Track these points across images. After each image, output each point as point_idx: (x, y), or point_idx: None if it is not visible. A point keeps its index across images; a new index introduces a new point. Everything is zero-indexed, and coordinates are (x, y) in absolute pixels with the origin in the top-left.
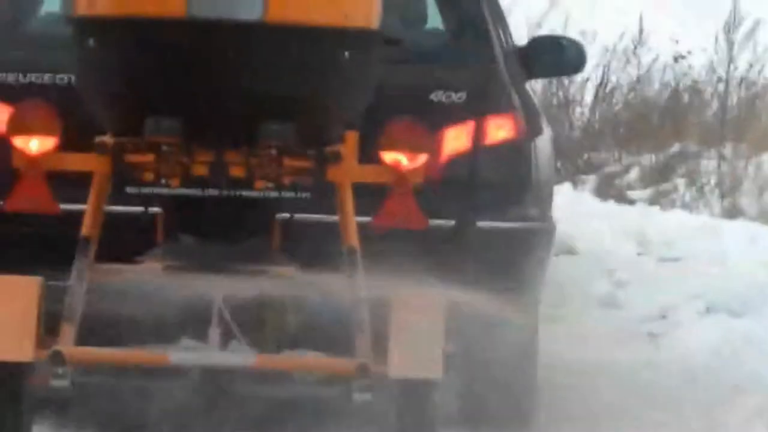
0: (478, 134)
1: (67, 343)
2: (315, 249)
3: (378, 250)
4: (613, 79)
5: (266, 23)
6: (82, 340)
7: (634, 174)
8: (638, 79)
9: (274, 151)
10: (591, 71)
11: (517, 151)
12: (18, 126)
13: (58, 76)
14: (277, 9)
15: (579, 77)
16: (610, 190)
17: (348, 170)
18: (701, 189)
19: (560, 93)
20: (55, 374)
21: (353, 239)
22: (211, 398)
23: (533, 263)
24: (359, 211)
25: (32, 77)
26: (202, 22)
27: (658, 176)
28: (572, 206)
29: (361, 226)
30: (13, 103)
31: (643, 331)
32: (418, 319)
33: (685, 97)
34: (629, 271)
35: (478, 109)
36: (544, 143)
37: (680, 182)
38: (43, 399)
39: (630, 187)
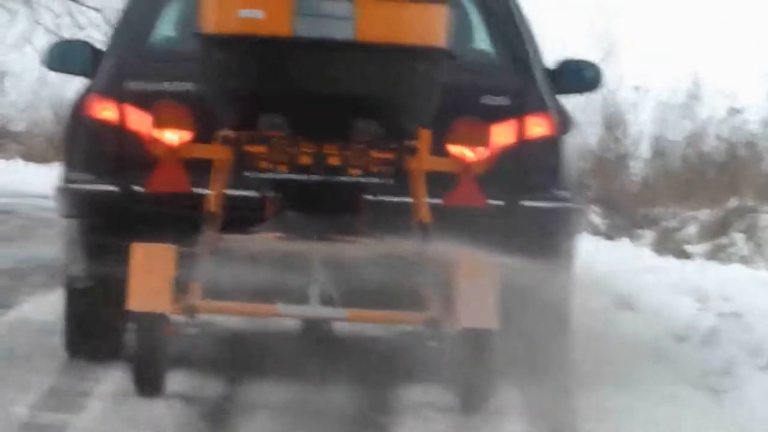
0: (520, 131)
1: (196, 298)
2: (394, 223)
3: (445, 225)
4: (669, 134)
5: (357, 42)
6: (208, 295)
7: (691, 229)
8: (693, 134)
9: (363, 145)
10: (647, 126)
11: (551, 144)
12: (158, 121)
13: (183, 83)
14: (365, 30)
15: (635, 132)
16: (667, 244)
17: (422, 161)
18: (759, 243)
19: (615, 148)
20: (188, 323)
21: (425, 216)
22: (311, 342)
23: (566, 235)
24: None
25: (161, 85)
26: (306, 41)
27: (715, 231)
28: (630, 261)
29: (431, 206)
30: (147, 108)
31: (703, 386)
32: (477, 279)
33: (741, 152)
34: (688, 326)
35: (519, 110)
36: (571, 139)
37: (738, 236)
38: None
39: (688, 241)
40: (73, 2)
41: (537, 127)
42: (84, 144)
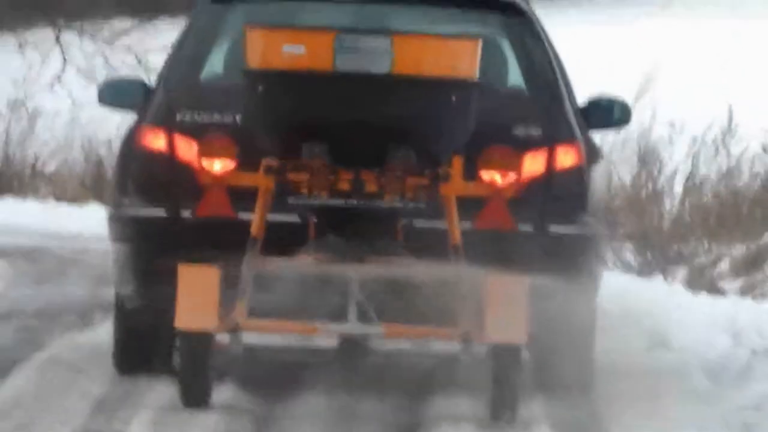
0: (549, 160)
1: (241, 316)
2: (428, 245)
3: (476, 247)
4: (703, 170)
5: (393, 75)
6: (251, 314)
7: (725, 265)
8: (728, 170)
9: (399, 172)
10: (680, 162)
11: (578, 173)
12: (205, 151)
13: (229, 115)
14: (401, 64)
15: (668, 168)
16: (701, 281)
17: (455, 186)
18: None
19: (649, 184)
20: (233, 340)
21: (457, 237)
22: (348, 358)
23: (591, 258)
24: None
25: (209, 117)
26: (345, 75)
27: (749, 267)
28: (663, 298)
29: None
30: (195, 138)
31: (738, 422)
32: (507, 297)
33: None
34: (723, 362)
35: (548, 140)
36: (598, 170)
37: None
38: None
39: (721, 277)
40: (106, 44)
41: (566, 156)
42: (135, 172)
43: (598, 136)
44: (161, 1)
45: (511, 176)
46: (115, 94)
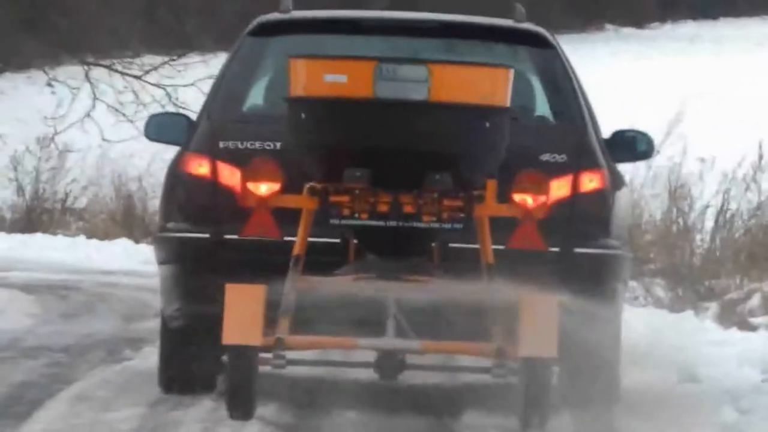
0: (575, 185)
1: (284, 332)
2: (463, 265)
3: (508, 267)
4: (733, 205)
5: (430, 102)
6: (294, 330)
7: (756, 300)
8: (758, 206)
9: (436, 194)
10: (711, 197)
11: (603, 198)
12: (251, 175)
13: (269, 143)
14: (437, 92)
15: (699, 204)
16: (732, 316)
17: (489, 207)
18: None
19: (680, 220)
20: (276, 355)
21: (490, 257)
22: (386, 373)
23: (616, 278)
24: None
25: (250, 144)
26: (385, 102)
27: None
28: (694, 333)
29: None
30: (237, 164)
31: None
32: (539, 314)
33: None
34: (753, 398)
35: (574, 166)
36: (623, 194)
37: None
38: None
39: (752, 313)
40: (136, 79)
41: (590, 182)
42: (180, 197)
43: (629, 171)
44: (190, 38)
45: (541, 199)
46: (160, 128)
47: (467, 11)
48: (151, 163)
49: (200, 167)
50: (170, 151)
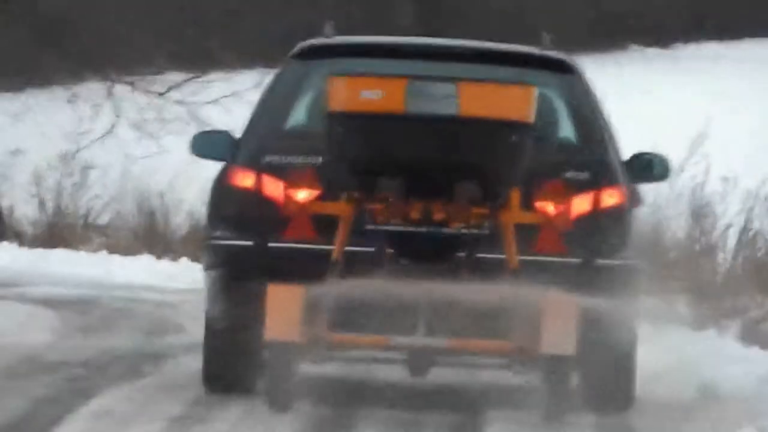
0: (596, 201)
1: (322, 330)
2: (489, 268)
3: (531, 270)
4: (756, 224)
5: (459, 117)
6: (331, 328)
7: None
8: None
9: (464, 202)
10: (733, 217)
11: (621, 213)
12: (293, 183)
13: (309, 157)
14: (467, 107)
15: (722, 223)
16: (754, 335)
17: (513, 215)
18: None
19: (703, 239)
20: (315, 352)
21: (515, 261)
22: (417, 368)
23: (632, 288)
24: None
25: (292, 159)
26: (416, 116)
27: None
28: (716, 351)
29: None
30: (280, 177)
31: None
32: (559, 314)
33: None
34: None
35: (595, 184)
36: (639, 212)
37: None
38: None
39: None
40: (158, 96)
41: (610, 198)
42: (227, 207)
43: (652, 190)
44: (213, 55)
45: (562, 207)
46: (204, 144)
47: (495, 35)
48: (173, 179)
49: (246, 180)
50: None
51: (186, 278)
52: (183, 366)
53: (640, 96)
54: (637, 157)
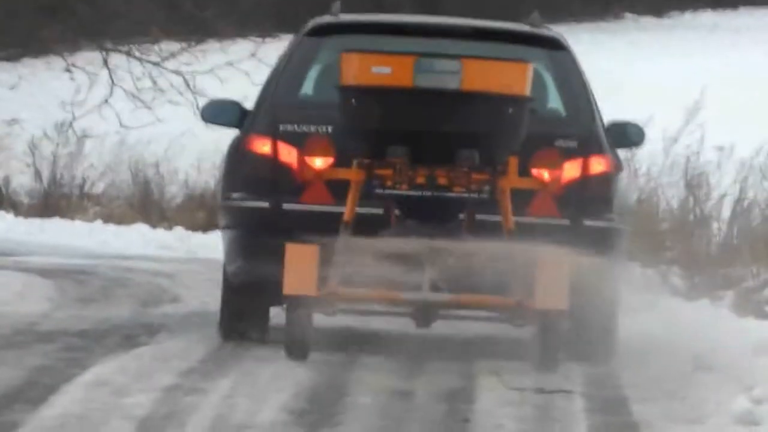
0: (584, 167)
1: (335, 285)
2: (488, 229)
3: (526, 231)
4: (750, 194)
5: (461, 90)
6: (343, 284)
7: None
8: None
9: (466, 169)
10: (728, 186)
11: (608, 179)
12: (309, 151)
13: (322, 126)
14: (468, 82)
15: (716, 193)
16: (748, 305)
17: (511, 180)
18: None
19: (697, 209)
20: (329, 306)
21: (511, 223)
22: (422, 320)
23: (616, 245)
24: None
25: (306, 128)
26: (423, 90)
27: None
28: (709, 322)
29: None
30: (295, 144)
31: None
32: (553, 271)
33: None
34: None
35: (583, 151)
36: (622, 177)
37: None
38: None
39: None
40: (154, 65)
41: (597, 165)
42: (244, 171)
43: (646, 160)
44: (208, 24)
45: (557, 174)
46: (214, 112)
47: (485, 13)
48: (168, 149)
49: (263, 146)
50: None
51: (181, 247)
52: (178, 336)
53: (635, 65)
54: (614, 125)
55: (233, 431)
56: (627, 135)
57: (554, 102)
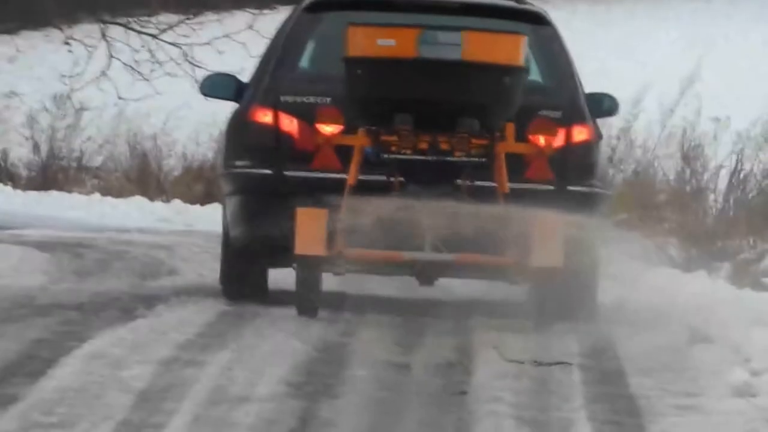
0: (567, 136)
1: (342, 246)
2: (485, 192)
3: (520, 195)
4: (747, 166)
5: (462, 61)
6: (350, 244)
7: None
8: None
9: (465, 135)
10: (724, 158)
11: (589, 147)
12: (320, 118)
13: (322, 97)
14: (468, 53)
15: (712, 164)
16: (745, 277)
17: (508, 146)
18: None
19: (693, 180)
20: (336, 265)
21: (506, 187)
22: (425, 279)
23: (599, 208)
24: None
25: (306, 98)
26: (426, 60)
27: None
28: (707, 294)
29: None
30: (295, 114)
31: None
32: (548, 230)
33: None
34: (765, 359)
35: (567, 121)
36: (602, 145)
37: None
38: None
39: (765, 274)
40: (152, 38)
41: (580, 134)
42: (247, 140)
43: (642, 132)
44: None
45: (552, 140)
46: (212, 86)
47: None
48: (166, 121)
49: (265, 116)
50: (185, 111)
51: (179, 220)
52: (176, 309)
53: (631, 38)
54: (591, 96)
55: (232, 403)
56: (602, 105)
57: (536, 74)
